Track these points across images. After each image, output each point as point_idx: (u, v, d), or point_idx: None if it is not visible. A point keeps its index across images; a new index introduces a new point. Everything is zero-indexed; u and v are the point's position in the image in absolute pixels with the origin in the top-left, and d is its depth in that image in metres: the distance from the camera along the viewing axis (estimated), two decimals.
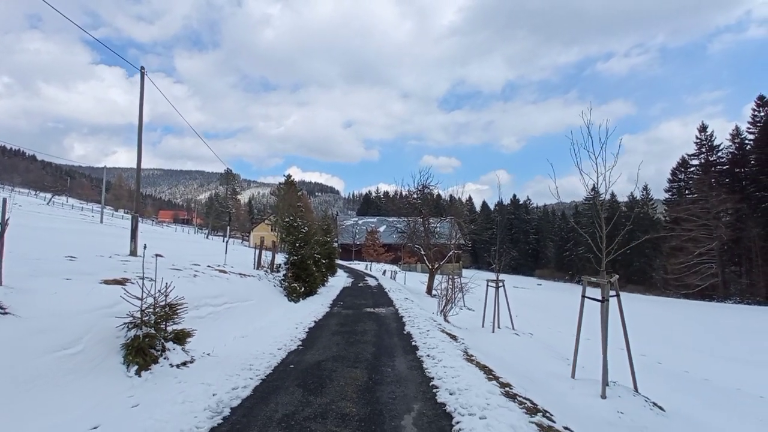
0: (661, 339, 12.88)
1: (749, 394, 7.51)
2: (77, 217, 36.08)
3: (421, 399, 3.91)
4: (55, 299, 4.54)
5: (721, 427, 5.42)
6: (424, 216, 20.81)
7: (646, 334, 14.03)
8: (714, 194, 45.18)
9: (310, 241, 14.21)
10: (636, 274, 59.57)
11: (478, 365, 5.30)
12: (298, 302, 11.46)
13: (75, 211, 46.62)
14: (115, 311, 4.77)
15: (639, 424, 4.76)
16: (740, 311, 27.49)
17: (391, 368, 5.00)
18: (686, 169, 54.52)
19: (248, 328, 7.28)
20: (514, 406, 3.71)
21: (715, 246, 45.04)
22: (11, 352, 3.42)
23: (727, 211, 46.09)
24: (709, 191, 45.56)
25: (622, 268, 63.38)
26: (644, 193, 64.85)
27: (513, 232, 79.07)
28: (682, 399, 6.48)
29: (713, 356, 10.47)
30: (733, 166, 47.64)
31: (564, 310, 19.24)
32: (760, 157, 43.91)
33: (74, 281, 5.43)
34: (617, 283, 6.17)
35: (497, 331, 10.11)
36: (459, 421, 3.30)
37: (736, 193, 44.36)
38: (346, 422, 3.30)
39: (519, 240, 77.94)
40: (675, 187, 56.04)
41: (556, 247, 74.72)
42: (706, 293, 44.18)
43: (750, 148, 46.12)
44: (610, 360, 5.49)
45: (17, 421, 2.97)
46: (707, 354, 10.70)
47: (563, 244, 70.57)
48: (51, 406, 3.27)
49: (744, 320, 20.52)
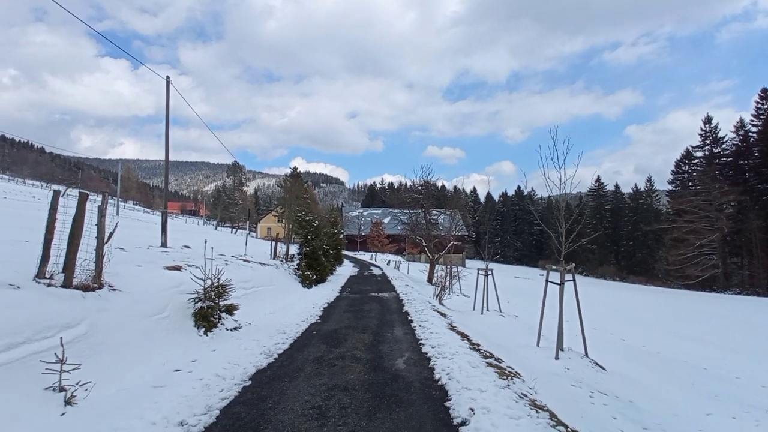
0: (634, 322, 14.42)
1: (694, 366, 9.04)
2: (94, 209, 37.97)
3: (410, 350, 5.52)
4: (140, 281, 6.17)
5: (648, 383, 6.98)
6: (425, 209, 22.33)
7: (623, 318, 15.58)
8: (717, 186, 46.01)
9: (320, 233, 15.81)
10: (638, 265, 60.82)
11: (458, 333, 6.91)
12: (311, 288, 13.12)
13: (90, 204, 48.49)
14: (181, 289, 6.41)
15: (579, 376, 6.33)
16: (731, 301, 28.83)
17: (390, 333, 6.62)
18: (690, 161, 55.17)
19: (274, 307, 8.93)
20: (476, 354, 5.31)
21: (717, 238, 45.99)
22: (128, 315, 5.05)
23: (730, 203, 46.91)
24: (712, 183, 46.38)
25: (624, 260, 64.69)
26: (648, 184, 65.76)
27: (517, 223, 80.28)
28: (628, 365, 8.04)
29: (677, 337, 12.00)
30: (737, 158, 48.25)
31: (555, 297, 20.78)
32: (763, 150, 44.53)
33: (144, 268, 7.06)
34: (573, 271, 7.68)
35: (486, 314, 11.70)
36: (434, 361, 4.90)
37: (739, 185, 45.11)
38: (357, 361, 4.91)
39: (523, 231, 79.19)
40: (679, 179, 56.70)
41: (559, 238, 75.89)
42: (707, 284, 45.25)
43: (753, 140, 46.71)
44: (582, 336, 7.05)
45: (146, 355, 4.62)
46: (672, 335, 12.23)
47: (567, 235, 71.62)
48: (160, 349, 4.92)
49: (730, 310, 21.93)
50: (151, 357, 4.68)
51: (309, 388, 3.95)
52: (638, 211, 64.85)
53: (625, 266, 64.00)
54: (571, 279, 7.56)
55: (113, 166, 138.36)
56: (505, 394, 3.77)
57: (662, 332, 12.39)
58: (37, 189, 56.65)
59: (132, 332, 4.86)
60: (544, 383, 4.87)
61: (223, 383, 3.97)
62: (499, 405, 3.45)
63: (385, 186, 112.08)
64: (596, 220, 69.16)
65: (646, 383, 6.99)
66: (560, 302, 7.36)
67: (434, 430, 3.13)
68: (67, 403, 3.35)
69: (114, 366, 4.12)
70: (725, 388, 7.31)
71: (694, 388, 7.12)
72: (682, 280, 46.42)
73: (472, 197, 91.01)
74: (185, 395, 3.56)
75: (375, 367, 4.74)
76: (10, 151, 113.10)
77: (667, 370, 8.33)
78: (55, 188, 7.50)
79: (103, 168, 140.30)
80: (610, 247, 67.42)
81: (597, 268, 66.13)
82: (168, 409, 3.24)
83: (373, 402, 3.63)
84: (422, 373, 4.56)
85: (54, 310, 4.19)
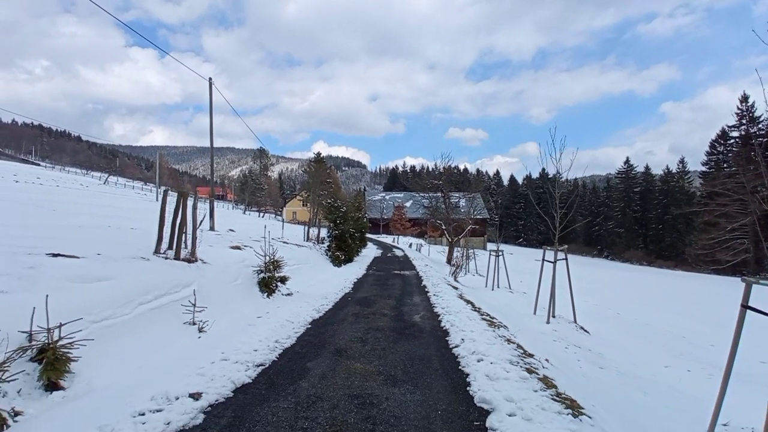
0: (638, 301, 15.71)
1: (674, 335, 10.40)
2: (137, 196, 41.36)
3: (424, 310, 7.26)
4: (217, 256, 8.13)
5: (625, 344, 8.48)
6: (445, 195, 23.80)
7: (628, 298, 16.84)
8: (752, 168, 44.87)
9: (348, 218, 17.64)
10: (667, 249, 60.15)
11: (465, 300, 8.59)
12: (341, 267, 15.03)
13: (128, 190, 52.46)
14: (246, 263, 8.34)
15: (562, 335, 7.91)
16: None
17: (410, 300, 8.38)
18: (726, 142, 53.65)
19: (313, 281, 10.84)
20: (475, 314, 6.99)
21: (749, 221, 45.16)
22: (217, 280, 6.98)
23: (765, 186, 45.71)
24: (747, 165, 45.25)
25: (653, 244, 63.95)
26: (680, 165, 64.19)
27: (541, 206, 79.96)
28: (613, 331, 9.54)
29: (671, 313, 13.27)
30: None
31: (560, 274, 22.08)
32: None
33: (215, 248, 9.04)
34: (566, 252, 9.13)
35: (496, 290, 13.30)
36: (442, 316, 6.62)
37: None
38: (384, 316, 6.69)
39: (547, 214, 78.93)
40: (713, 160, 55.22)
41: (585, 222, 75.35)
42: (738, 269, 44.78)
43: None
44: (572, 306, 8.60)
45: (235, 307, 6.55)
46: (668, 312, 13.50)
47: (593, 218, 71.22)
48: (241, 304, 6.84)
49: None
50: (237, 308, 6.61)
51: (352, 329, 5.76)
52: (669, 194, 63.57)
53: (653, 250, 63.33)
54: (563, 258, 9.03)
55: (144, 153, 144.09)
56: (489, 334, 5.45)
57: (660, 310, 13.67)
58: (80, 177, 61.17)
59: (222, 292, 6.79)
60: (529, 337, 6.49)
61: (292, 325, 5.81)
62: (482, 338, 5.13)
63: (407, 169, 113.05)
64: (624, 203, 68.34)
65: (623, 344, 8.49)
66: (553, 278, 8.89)
67: (436, 349, 4.86)
68: (200, 331, 5.27)
69: (218, 312, 6.04)
70: (694, 351, 8.70)
71: (665, 349, 8.57)
72: (711, 264, 46.05)
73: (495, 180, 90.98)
74: (271, 329, 5.42)
75: (398, 319, 6.51)
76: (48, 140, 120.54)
77: (647, 336, 9.76)
78: (162, 188, 9.55)
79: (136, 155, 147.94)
80: (638, 230, 66.70)
81: (624, 252, 65.79)
82: (264, 335, 5.09)
83: (397, 336, 5.40)
84: (432, 323, 6.30)
85: (175, 274, 6.14)
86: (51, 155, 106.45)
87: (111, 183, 59.42)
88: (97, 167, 76.24)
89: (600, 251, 69.05)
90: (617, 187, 71.90)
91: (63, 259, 5.18)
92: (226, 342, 4.84)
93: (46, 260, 4.97)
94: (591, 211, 72.57)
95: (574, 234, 79.06)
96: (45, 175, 44.38)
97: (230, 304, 6.62)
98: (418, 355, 4.57)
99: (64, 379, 3.35)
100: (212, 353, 4.29)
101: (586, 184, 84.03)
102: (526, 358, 4.61)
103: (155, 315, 5.06)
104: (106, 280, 4.90)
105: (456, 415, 3.06)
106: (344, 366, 4.12)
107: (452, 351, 4.77)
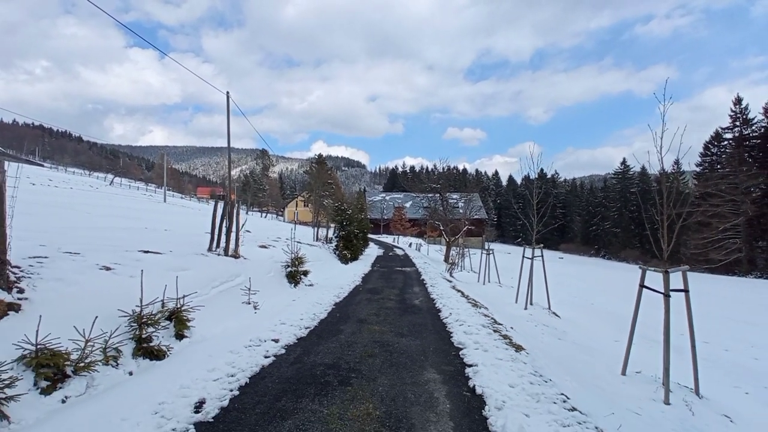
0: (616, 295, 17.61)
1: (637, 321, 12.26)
2: (143, 197, 43.21)
3: (422, 296, 9.15)
4: (252, 253, 9.99)
5: (589, 326, 10.35)
6: (443, 197, 25.69)
7: (608, 292, 18.75)
8: (744, 169, 46.72)
9: (353, 220, 19.52)
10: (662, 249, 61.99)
11: (456, 290, 10.48)
12: (348, 264, 16.89)
13: (133, 191, 54.30)
14: (275, 259, 10.21)
15: (535, 318, 9.77)
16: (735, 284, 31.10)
17: (411, 290, 10.27)
18: (719, 143, 55.45)
19: (327, 275, 12.71)
20: (463, 299, 8.88)
21: (741, 221, 46.92)
22: (257, 272, 8.84)
23: (759, 186, 47.45)
24: (740, 166, 47.10)
25: (649, 243, 65.86)
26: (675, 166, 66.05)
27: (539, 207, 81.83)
28: (583, 317, 11.41)
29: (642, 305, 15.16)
30: (765, 141, 48.53)
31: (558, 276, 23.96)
32: None
33: (246, 246, 10.89)
34: (542, 250, 10.98)
35: (487, 285, 15.16)
36: (437, 300, 8.51)
37: (766, 169, 45.57)
38: (391, 300, 8.58)
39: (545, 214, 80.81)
40: (707, 161, 57.02)
41: (582, 222, 77.25)
42: (730, 268, 46.55)
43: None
44: (546, 295, 10.45)
45: (273, 293, 8.43)
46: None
47: (590, 218, 73.15)
48: (276, 292, 8.72)
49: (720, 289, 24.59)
50: (275, 294, 8.49)
51: (367, 308, 7.64)
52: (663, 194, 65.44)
53: (649, 250, 65.31)
54: (539, 256, 10.90)
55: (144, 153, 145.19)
56: (471, 311, 7.33)
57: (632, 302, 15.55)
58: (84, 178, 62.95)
59: (261, 282, 8.66)
60: (505, 317, 8.34)
61: (321, 305, 7.68)
62: (465, 313, 7.01)
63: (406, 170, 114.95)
64: (620, 203, 70.28)
65: (586, 326, 10.38)
66: (530, 272, 10.75)
67: (431, 319, 6.75)
68: (255, 308, 7.14)
69: (262, 296, 7.90)
70: (644, 330, 10.56)
71: (620, 330, 10.42)
72: (704, 264, 47.91)
73: (494, 180, 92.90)
74: (306, 308, 7.28)
75: (402, 302, 8.40)
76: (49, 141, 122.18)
77: (611, 321, 11.63)
78: (215, 196, 11.42)
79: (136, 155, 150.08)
80: (634, 230, 68.70)
81: (620, 252, 67.79)
82: (302, 312, 6.95)
83: (402, 312, 7.28)
84: (429, 305, 8.18)
85: (228, 267, 8.01)
86: (53, 156, 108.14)
87: (116, 185, 61.24)
88: (99, 168, 77.99)
89: (597, 250, 70.93)
90: (614, 187, 73.80)
91: (151, 255, 7.04)
92: (277, 315, 6.70)
93: (142, 255, 6.83)
94: (588, 211, 74.46)
95: (572, 234, 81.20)
96: (53, 176, 46.20)
97: (269, 291, 8.48)
98: (418, 323, 6.45)
99: (186, 332, 5.21)
100: (271, 321, 6.16)
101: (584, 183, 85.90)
102: (495, 325, 6.49)
103: (222, 295, 6.92)
104: (187, 270, 6.76)
105: (441, 350, 4.94)
106: (366, 328, 6.00)
107: (442, 320, 6.65)
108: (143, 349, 4.34)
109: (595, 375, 5.71)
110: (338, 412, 3.19)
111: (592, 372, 5.86)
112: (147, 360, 4.33)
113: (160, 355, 4.45)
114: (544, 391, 3.72)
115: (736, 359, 9.33)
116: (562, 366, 5.47)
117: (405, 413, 3.20)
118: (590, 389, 4.80)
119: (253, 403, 3.32)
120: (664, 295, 5.32)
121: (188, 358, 4.41)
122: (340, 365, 4.32)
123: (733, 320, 13.57)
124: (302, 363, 4.38)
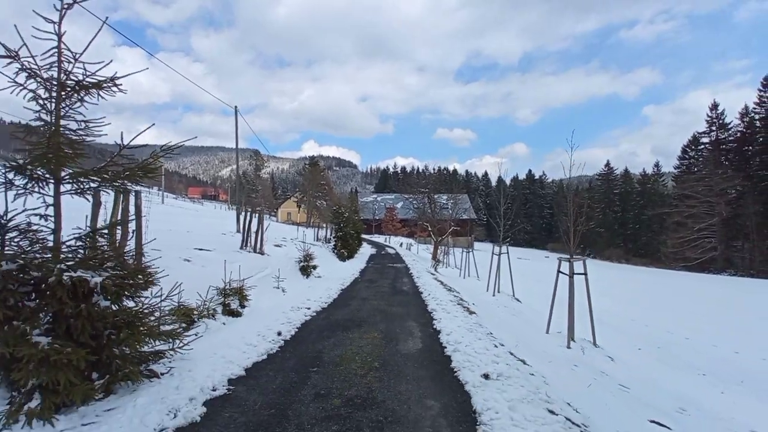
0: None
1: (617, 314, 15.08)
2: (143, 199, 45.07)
3: (409, 285, 11.82)
4: (271, 251, 12.51)
5: (545, 310, 13.07)
6: (431, 200, 28.40)
7: None
8: (720, 172, 50.04)
9: (349, 222, 22.10)
10: (643, 247, 65.87)
11: (437, 281, 13.17)
12: (345, 262, 19.47)
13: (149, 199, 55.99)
14: (290, 256, 12.77)
15: (501, 303, 12.48)
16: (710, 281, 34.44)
17: (401, 280, 12.93)
18: (697, 147, 58.98)
19: (329, 269, 15.27)
20: (441, 287, 11.56)
21: (716, 222, 50.10)
22: (278, 266, 11.37)
23: (735, 188, 50.49)
24: (715, 169, 50.40)
25: (630, 242, 69.64)
26: (656, 168, 70.05)
27: (527, 207, 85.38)
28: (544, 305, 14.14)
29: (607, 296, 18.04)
30: (741, 145, 51.53)
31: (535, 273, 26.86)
32: (766, 137, 48.08)
33: (265, 245, 13.39)
34: (507, 247, 13.70)
35: (467, 278, 17.89)
36: (421, 288, 11.17)
37: (742, 171, 48.42)
38: (384, 287, 11.23)
39: (533, 214, 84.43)
40: (685, 164, 60.51)
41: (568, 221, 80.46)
42: (705, 266, 49.86)
43: (757, 127, 49.86)
44: (511, 284, 13.15)
45: (293, 282, 11.00)
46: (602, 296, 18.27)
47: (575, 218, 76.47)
48: (294, 281, 11.29)
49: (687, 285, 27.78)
50: (294, 283, 11.06)
51: (367, 291, 10.26)
52: (645, 195, 69.24)
53: (631, 249, 69.10)
54: (505, 252, 13.62)
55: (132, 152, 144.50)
56: (445, 293, 9.99)
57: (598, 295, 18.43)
58: None
59: (283, 273, 11.21)
60: (473, 300, 11.01)
61: (332, 291, 10.24)
62: (440, 294, 9.68)
63: (397, 170, 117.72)
64: (605, 204, 73.97)
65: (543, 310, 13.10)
66: (498, 267, 13.47)
67: (414, 297, 9.42)
68: (283, 292, 9.70)
69: (286, 283, 10.44)
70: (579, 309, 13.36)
71: None
72: (681, 262, 51.34)
73: (483, 180, 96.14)
74: (321, 292, 9.85)
75: (393, 288, 11.04)
76: None
77: None
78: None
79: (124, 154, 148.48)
80: (618, 230, 72.47)
81: (604, 251, 71.48)
82: (319, 294, 9.52)
83: (393, 294, 9.93)
84: (414, 290, 10.85)
85: (258, 261, 10.56)
86: None
87: None
88: None
89: (583, 250, 74.28)
90: (599, 188, 77.39)
91: (205, 251, 9.56)
92: (301, 296, 9.27)
93: (198, 252, 9.34)
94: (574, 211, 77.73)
95: (558, 234, 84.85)
96: None
97: (289, 280, 11.03)
98: (404, 300, 9.11)
99: (246, 303, 7.74)
100: (299, 299, 8.73)
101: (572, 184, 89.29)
102: (461, 302, 9.16)
103: (259, 282, 9.47)
104: (234, 263, 9.28)
105: (419, 313, 7.59)
106: (368, 303, 8.63)
107: (422, 299, 9.32)
108: (227, 311, 6.90)
109: (526, 334, 8.41)
110: (357, 336, 5.82)
111: (526, 332, 8.56)
112: (230, 317, 6.88)
113: (237, 314, 7.01)
114: (479, 330, 6.38)
115: (654, 333, 12.21)
116: (503, 327, 8.16)
117: (395, 337, 5.84)
118: (516, 337, 7.48)
119: (308, 332, 5.95)
120: (569, 276, 8.01)
121: (256, 317, 6.99)
122: (354, 319, 6.95)
123: (690, 311, 16.52)
124: (330, 319, 7.00)
